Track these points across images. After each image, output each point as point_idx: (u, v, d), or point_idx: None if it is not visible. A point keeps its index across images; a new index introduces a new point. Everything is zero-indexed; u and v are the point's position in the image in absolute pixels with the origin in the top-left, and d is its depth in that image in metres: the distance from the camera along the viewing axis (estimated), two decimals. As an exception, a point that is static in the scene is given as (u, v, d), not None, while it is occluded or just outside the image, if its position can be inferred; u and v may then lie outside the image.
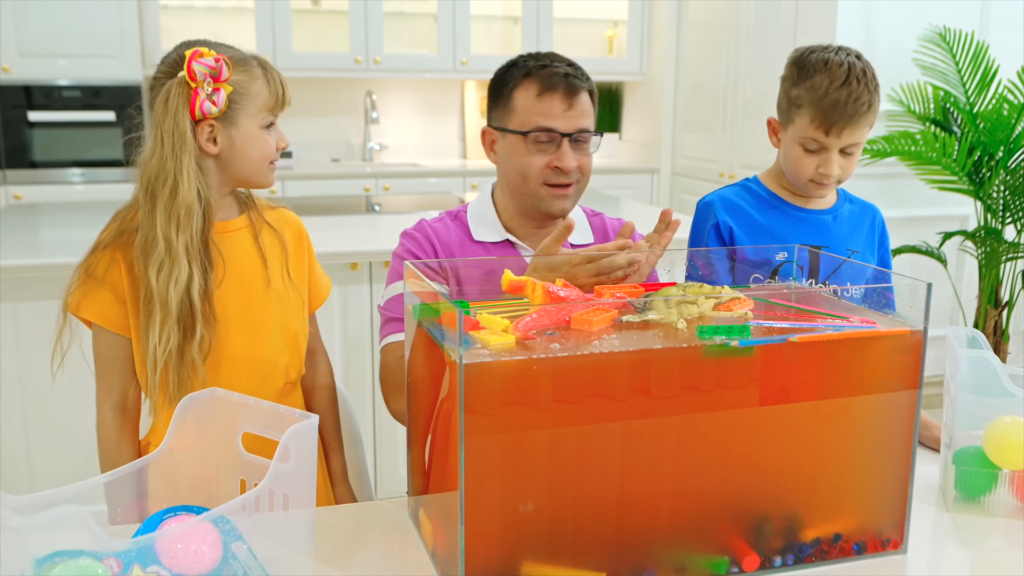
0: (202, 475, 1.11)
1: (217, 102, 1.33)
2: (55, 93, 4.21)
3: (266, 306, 1.42)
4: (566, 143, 1.51)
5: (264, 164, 1.40)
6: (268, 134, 1.40)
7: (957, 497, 1.34)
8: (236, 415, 1.10)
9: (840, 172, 1.63)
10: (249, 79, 1.37)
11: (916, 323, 1.17)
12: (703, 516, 1.14)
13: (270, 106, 1.39)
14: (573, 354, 1.04)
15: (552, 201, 1.54)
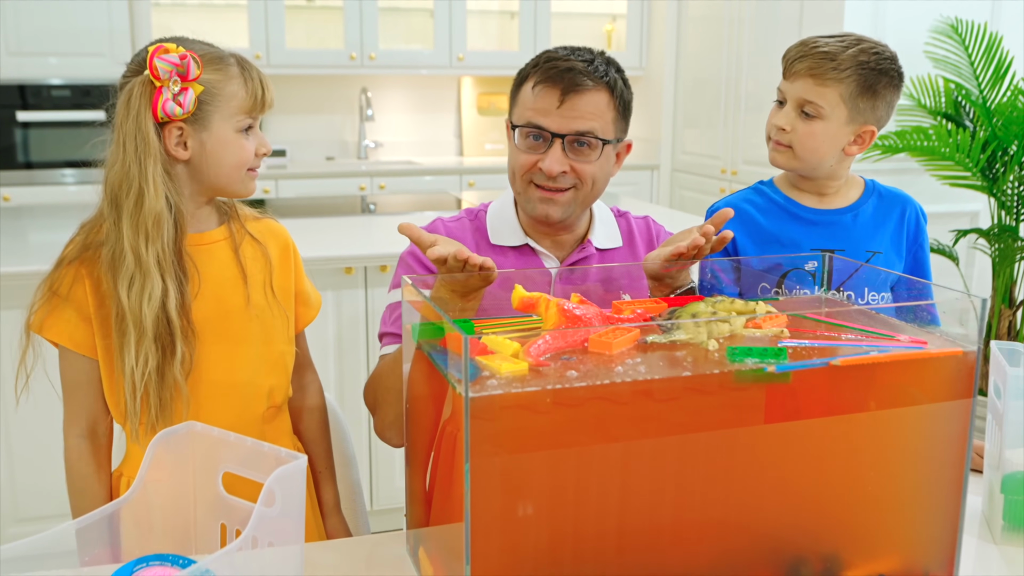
0: (178, 518, 1.00)
1: (183, 103, 1.21)
2: (45, 92, 4.09)
3: (246, 325, 1.31)
4: (557, 145, 1.37)
5: (240, 171, 1.28)
6: (245, 138, 1.28)
7: (1005, 527, 1.24)
8: (216, 452, 0.99)
9: (791, 131, 1.54)
10: (223, 78, 1.25)
11: (969, 343, 1.06)
12: (734, 557, 1.04)
13: (247, 108, 1.27)
14: (593, 384, 0.93)
15: (536, 203, 1.42)
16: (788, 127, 1.55)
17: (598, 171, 1.41)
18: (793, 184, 1.66)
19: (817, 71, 1.51)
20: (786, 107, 1.56)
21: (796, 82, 1.54)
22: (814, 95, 1.52)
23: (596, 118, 1.38)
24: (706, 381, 0.97)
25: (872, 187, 1.66)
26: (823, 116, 1.53)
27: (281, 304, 1.35)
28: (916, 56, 3.56)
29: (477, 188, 4.66)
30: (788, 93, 1.56)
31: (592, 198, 1.45)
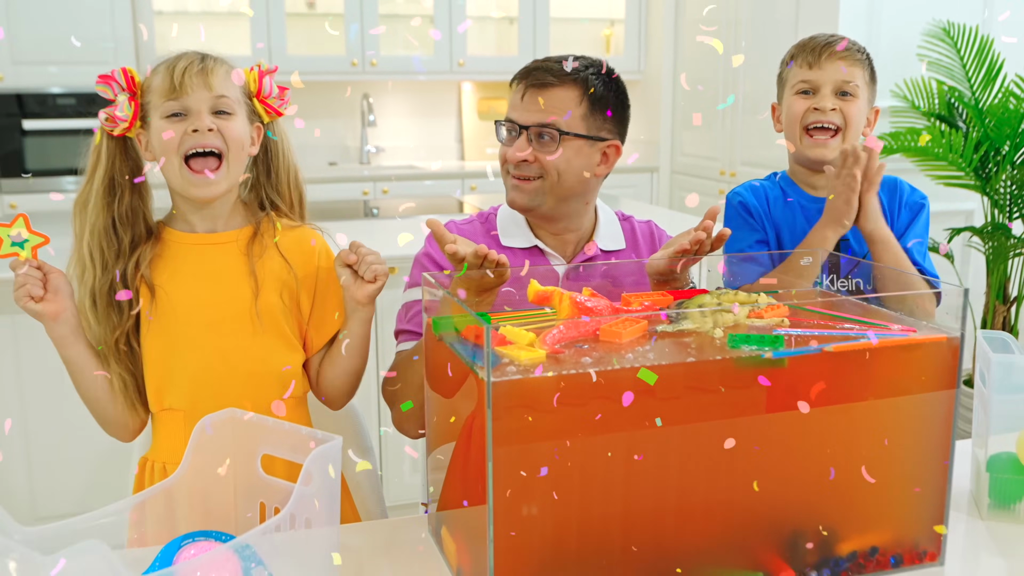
0: (220, 498, 1.07)
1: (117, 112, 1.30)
2: (49, 101, 4.16)
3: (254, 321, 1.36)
4: (523, 135, 1.46)
5: (172, 159, 1.30)
6: (169, 122, 1.29)
7: (991, 505, 1.31)
8: (255, 436, 1.06)
9: (839, 113, 1.61)
10: (152, 77, 1.32)
11: (952, 330, 1.14)
12: (737, 531, 1.11)
13: (166, 91, 1.29)
14: (604, 369, 1.00)
15: (511, 191, 1.51)
16: (834, 107, 1.61)
17: (562, 163, 1.46)
18: (795, 175, 1.73)
19: (847, 54, 1.62)
20: (822, 92, 1.62)
21: (828, 67, 1.61)
22: (849, 76, 1.61)
23: (557, 112, 1.45)
24: (709, 367, 1.04)
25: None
26: (858, 95, 1.63)
27: (297, 309, 1.40)
28: (910, 58, 3.63)
29: (479, 192, 4.73)
30: (821, 79, 1.62)
31: (562, 190, 1.49)
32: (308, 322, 1.43)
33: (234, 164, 1.33)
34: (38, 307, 1.27)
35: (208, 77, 1.30)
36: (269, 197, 1.43)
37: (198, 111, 1.30)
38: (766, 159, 4.28)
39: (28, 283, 1.25)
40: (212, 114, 1.31)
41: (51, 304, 1.28)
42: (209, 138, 1.30)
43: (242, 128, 1.34)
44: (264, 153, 1.42)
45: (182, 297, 1.35)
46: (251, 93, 1.38)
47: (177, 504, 1.04)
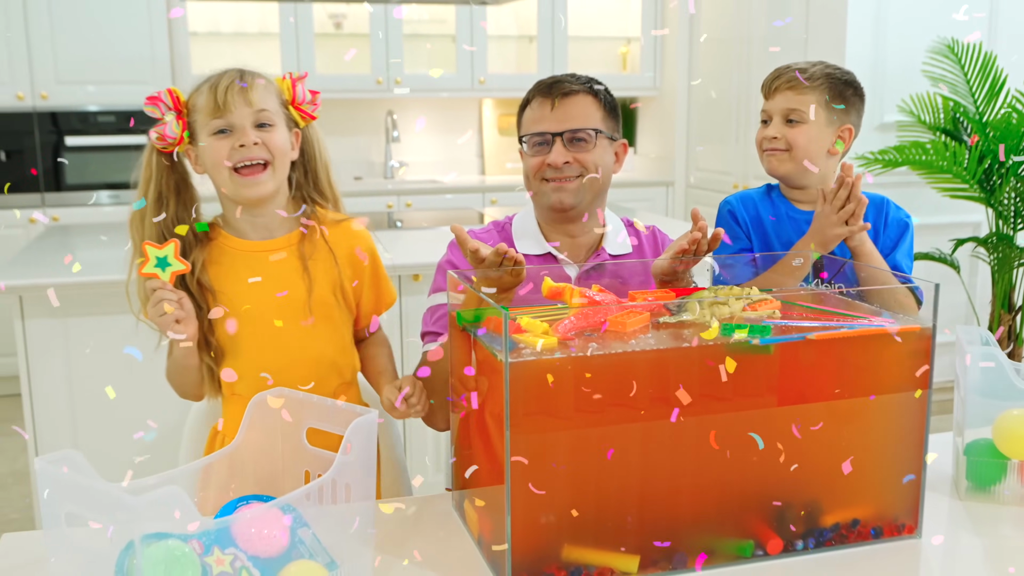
0: (270, 467, 1.21)
1: (167, 131, 1.43)
2: (90, 118, 4.35)
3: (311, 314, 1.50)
4: (558, 142, 1.62)
5: (220, 172, 1.44)
6: (217, 140, 1.43)
7: (969, 487, 1.43)
8: (301, 411, 1.20)
9: (783, 138, 1.77)
10: (196, 96, 1.45)
11: (926, 321, 1.26)
12: (730, 503, 1.23)
13: (210, 111, 1.43)
14: (610, 352, 1.14)
15: (551, 194, 1.64)
16: (778, 135, 1.77)
17: (598, 160, 1.64)
18: (793, 197, 1.86)
19: (794, 83, 1.77)
20: (773, 120, 1.80)
21: (777, 97, 1.79)
22: (795, 103, 1.76)
23: (584, 116, 1.64)
24: (702, 353, 1.17)
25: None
26: (805, 120, 1.76)
27: (347, 300, 1.56)
28: (915, 75, 3.75)
29: (500, 205, 4.88)
30: (772, 109, 1.80)
31: (600, 185, 1.66)
32: (358, 304, 1.59)
33: (279, 169, 1.47)
34: (181, 332, 1.37)
35: (249, 94, 1.44)
36: (310, 195, 1.57)
37: (242, 127, 1.43)
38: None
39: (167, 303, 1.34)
40: (255, 127, 1.44)
41: (190, 327, 1.39)
42: (255, 151, 1.44)
43: (283, 137, 1.48)
44: (302, 153, 1.56)
45: (242, 298, 1.48)
46: (286, 101, 1.52)
47: (233, 471, 1.18)
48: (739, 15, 4.63)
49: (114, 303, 2.64)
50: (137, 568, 0.96)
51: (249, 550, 1.07)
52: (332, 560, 1.12)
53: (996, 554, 1.30)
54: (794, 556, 1.24)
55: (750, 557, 1.23)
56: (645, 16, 5.23)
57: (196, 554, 1.03)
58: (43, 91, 4.25)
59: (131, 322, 2.68)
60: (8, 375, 4.16)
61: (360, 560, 1.14)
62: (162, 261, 1.33)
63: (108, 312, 2.63)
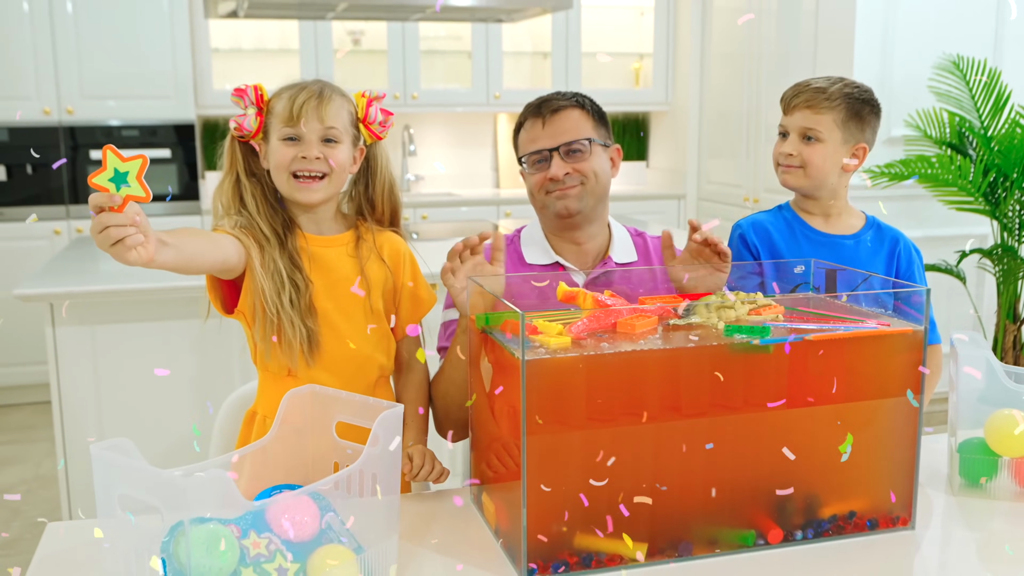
0: (301, 459, 1.29)
1: (244, 124, 1.53)
2: (114, 132, 4.47)
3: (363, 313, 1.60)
4: (555, 156, 1.71)
5: (281, 174, 1.53)
6: (284, 146, 1.52)
7: (962, 483, 1.50)
8: (331, 407, 1.28)
9: (798, 155, 1.83)
10: (276, 100, 1.56)
11: (918, 324, 1.34)
12: (733, 495, 1.31)
13: (284, 119, 1.53)
14: (620, 351, 1.22)
15: (555, 203, 1.73)
16: (795, 152, 1.84)
17: (595, 166, 1.73)
18: (802, 208, 1.93)
19: (812, 102, 1.83)
20: (790, 137, 1.87)
21: (796, 114, 1.86)
22: (812, 122, 1.83)
23: (576, 128, 1.73)
24: (706, 352, 1.25)
25: (872, 221, 1.94)
26: (822, 139, 1.82)
27: (390, 301, 1.65)
28: (921, 90, 3.83)
29: (514, 217, 4.97)
30: (790, 125, 1.87)
31: (599, 190, 1.74)
32: (398, 312, 1.68)
33: (335, 181, 1.57)
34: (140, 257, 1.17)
35: (322, 110, 1.54)
36: (366, 206, 1.67)
37: (309, 140, 1.53)
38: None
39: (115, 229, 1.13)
40: (321, 141, 1.55)
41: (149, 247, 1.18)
42: (315, 164, 1.54)
43: (345, 154, 1.58)
44: (363, 169, 1.66)
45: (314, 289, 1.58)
46: (358, 119, 1.61)
47: (266, 462, 1.26)
48: (749, 31, 4.71)
49: (142, 310, 2.74)
50: (185, 549, 1.04)
51: (282, 535, 1.15)
52: (359, 545, 1.20)
53: (986, 545, 1.37)
54: (794, 545, 1.32)
55: (752, 546, 1.31)
56: (658, 32, 5.33)
57: (235, 537, 1.12)
58: (69, 106, 4.37)
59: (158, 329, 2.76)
60: (33, 383, 4.28)
61: (385, 546, 1.22)
62: (120, 176, 1.11)
63: (136, 320, 2.73)
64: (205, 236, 1.46)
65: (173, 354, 2.79)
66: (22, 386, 4.35)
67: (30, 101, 4.33)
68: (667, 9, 5.30)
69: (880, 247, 1.91)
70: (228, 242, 1.48)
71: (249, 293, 1.53)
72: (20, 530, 3.10)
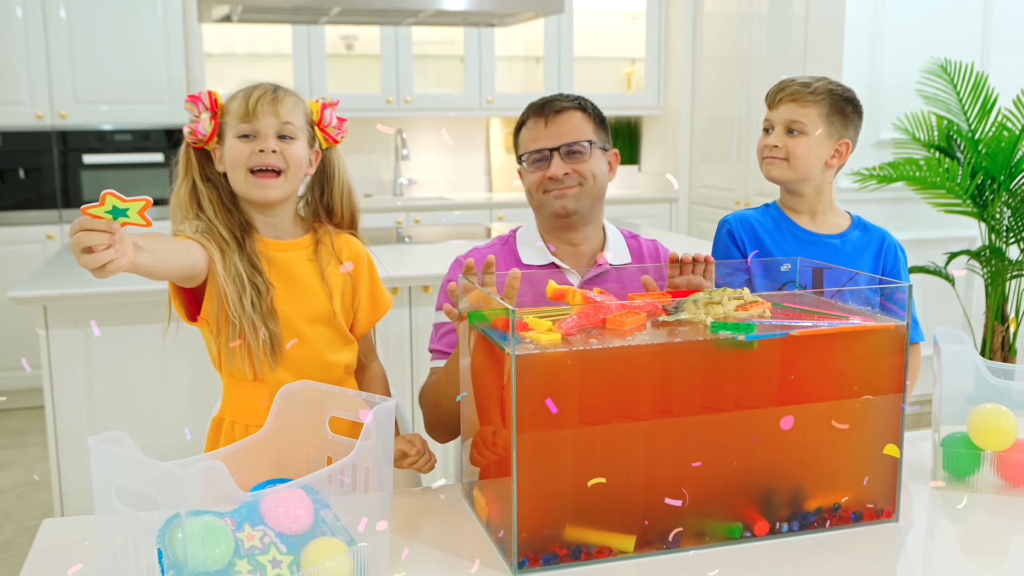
0: (295, 453, 1.31)
1: (198, 129, 1.55)
2: (107, 137, 4.48)
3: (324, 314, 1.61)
4: (556, 157, 1.74)
5: (237, 172, 1.54)
6: (240, 142, 1.53)
7: (946, 477, 1.52)
8: (324, 402, 1.30)
9: (783, 147, 1.86)
10: (230, 101, 1.57)
11: (901, 320, 1.36)
12: (720, 488, 1.33)
13: (240, 116, 1.53)
14: (608, 347, 1.24)
15: (553, 202, 1.75)
16: (779, 143, 1.87)
17: (595, 168, 1.76)
18: (788, 206, 1.96)
19: (798, 96, 1.87)
20: (775, 130, 1.90)
21: (780, 108, 1.88)
22: (797, 115, 1.86)
23: (577, 130, 1.76)
24: (692, 348, 1.27)
25: (858, 221, 1.97)
26: (806, 132, 1.86)
27: (351, 303, 1.66)
28: (909, 94, 3.87)
29: (507, 221, 4.99)
30: (775, 119, 1.90)
31: (597, 191, 1.77)
32: (356, 313, 1.69)
33: (292, 179, 1.58)
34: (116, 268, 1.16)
35: (277, 106, 1.56)
36: (322, 211, 1.69)
37: (265, 134, 1.55)
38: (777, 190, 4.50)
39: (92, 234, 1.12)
40: (277, 137, 1.56)
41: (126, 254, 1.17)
42: (272, 158, 1.55)
43: (301, 151, 1.59)
44: (320, 173, 1.68)
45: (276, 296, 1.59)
46: (313, 122, 1.63)
47: (260, 457, 1.28)
48: (741, 36, 4.75)
49: (135, 313, 2.75)
50: (182, 540, 1.06)
51: (276, 527, 1.17)
52: (352, 538, 1.22)
53: (969, 537, 1.39)
54: (779, 538, 1.34)
55: (738, 538, 1.33)
56: (649, 37, 5.36)
57: (230, 529, 1.14)
58: (62, 110, 4.38)
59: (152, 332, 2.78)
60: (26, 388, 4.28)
61: (378, 539, 1.24)
62: (119, 211, 1.10)
63: (129, 322, 2.74)
64: (174, 241, 1.48)
65: (167, 357, 2.80)
66: (15, 391, 4.36)
67: (23, 106, 4.34)
68: (659, 14, 5.34)
69: (867, 246, 1.94)
70: (193, 247, 1.50)
71: (212, 299, 1.54)
72: (12, 534, 3.11)
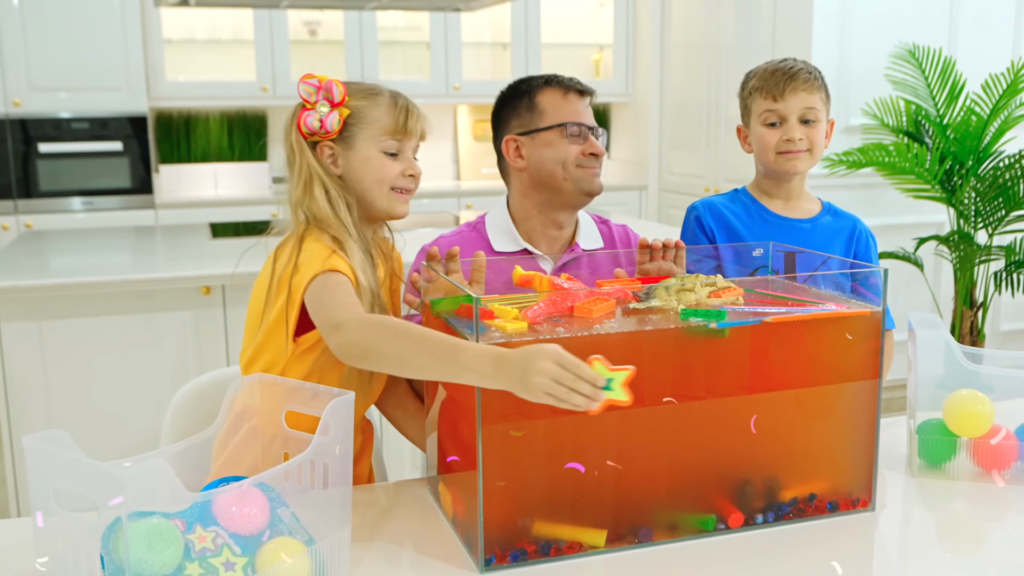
0: (250, 450, 1.25)
1: (326, 122, 1.42)
2: (64, 125, 4.36)
3: None
4: (591, 135, 1.75)
5: (380, 188, 1.45)
6: (388, 159, 1.46)
7: (921, 465, 1.49)
8: (280, 396, 1.24)
9: (805, 140, 1.79)
10: (370, 105, 1.46)
11: (876, 305, 1.32)
12: (693, 480, 1.29)
13: (390, 131, 1.45)
14: (575, 335, 1.19)
15: (591, 179, 1.73)
16: (802, 135, 1.80)
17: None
18: (765, 192, 1.92)
19: (807, 84, 1.80)
20: (789, 122, 1.80)
21: (792, 98, 1.80)
22: (811, 103, 1.80)
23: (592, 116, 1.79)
24: (663, 336, 1.23)
25: (829, 207, 1.93)
26: (819, 119, 1.81)
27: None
28: (878, 79, 3.85)
29: (475, 209, 4.93)
30: (787, 110, 1.80)
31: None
32: None
33: None
34: None
35: (424, 126, 1.52)
36: None
37: (409, 157, 1.50)
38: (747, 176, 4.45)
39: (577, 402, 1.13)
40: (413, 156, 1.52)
41: None
42: (417, 182, 1.52)
43: None
44: None
45: None
46: None
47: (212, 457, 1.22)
48: (709, 22, 4.72)
49: (92, 305, 2.67)
50: (124, 544, 1.00)
51: (230, 528, 1.11)
52: (311, 537, 1.16)
53: (946, 525, 1.36)
54: (754, 529, 1.30)
55: (712, 531, 1.29)
56: (617, 23, 5.31)
57: (179, 531, 1.08)
58: (16, 98, 4.26)
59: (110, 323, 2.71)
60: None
61: (338, 537, 1.18)
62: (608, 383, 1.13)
63: (84, 315, 2.66)
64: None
65: (125, 349, 2.72)
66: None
67: (-25, 94, 4.22)
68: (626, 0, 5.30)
69: (838, 232, 1.91)
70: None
71: None
72: (-32, 533, 3.01)
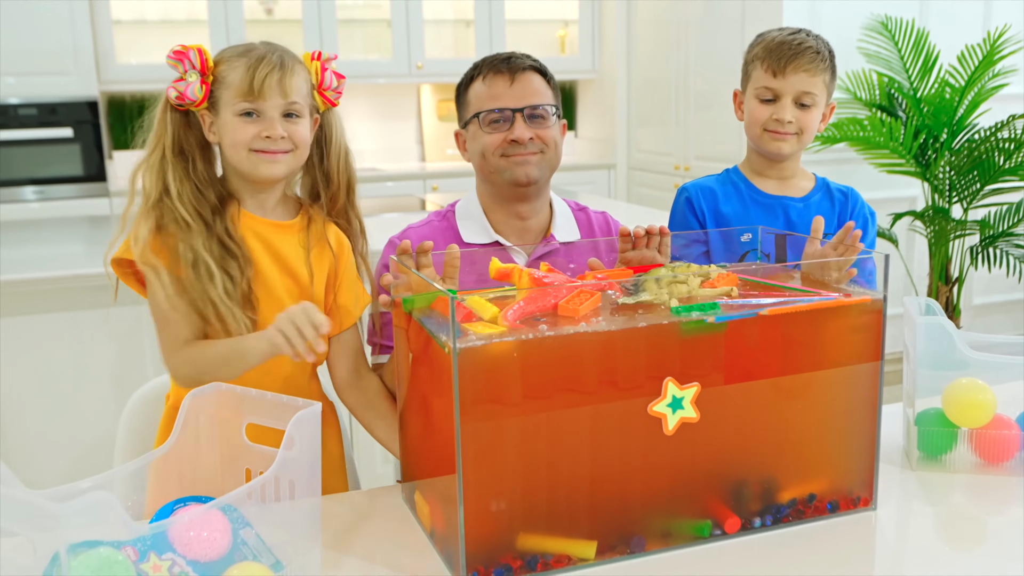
0: (209, 466, 1.15)
1: (186, 93, 1.37)
2: (10, 111, 4.18)
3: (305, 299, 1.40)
4: (519, 118, 1.59)
5: (237, 151, 1.39)
6: (242, 121, 1.38)
7: (920, 457, 1.43)
8: (240, 407, 1.14)
9: (796, 122, 1.70)
10: (229, 68, 1.39)
11: (877, 293, 1.25)
12: (687, 484, 1.21)
13: (243, 93, 1.38)
14: (559, 334, 1.10)
15: (514, 168, 1.60)
16: (792, 118, 1.70)
17: (555, 136, 1.64)
18: (756, 171, 1.83)
19: (811, 66, 1.68)
20: (783, 101, 1.70)
21: (791, 77, 1.68)
22: (809, 86, 1.69)
23: (540, 93, 1.63)
24: (655, 332, 1.14)
25: (823, 183, 1.85)
26: (816, 104, 1.71)
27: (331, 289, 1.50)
28: (850, 52, 3.79)
29: (441, 191, 4.82)
30: (783, 89, 1.69)
31: (555, 162, 1.65)
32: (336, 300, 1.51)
33: (299, 156, 1.43)
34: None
35: (285, 84, 1.39)
36: (320, 178, 1.50)
37: (271, 117, 1.38)
38: (718, 153, 4.42)
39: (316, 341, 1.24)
40: (282, 117, 1.40)
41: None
42: (280, 143, 1.39)
43: (307, 128, 1.43)
44: (320, 138, 1.50)
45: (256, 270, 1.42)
46: (314, 86, 1.45)
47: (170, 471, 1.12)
48: (676, -5, 4.63)
49: (45, 300, 2.54)
50: (65, 582, 0.90)
51: (188, 554, 1.02)
52: (277, 561, 1.07)
53: (949, 523, 1.30)
54: (752, 534, 1.23)
55: (708, 537, 1.21)
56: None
57: (131, 561, 0.98)
58: (-40, 84, 4.08)
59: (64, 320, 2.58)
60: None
61: (307, 559, 1.09)
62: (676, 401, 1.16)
63: (38, 311, 2.52)
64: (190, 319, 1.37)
65: (81, 347, 2.59)
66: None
67: (-85, 80, 4.02)
68: (592, -26, 5.19)
69: (833, 209, 1.83)
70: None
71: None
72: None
